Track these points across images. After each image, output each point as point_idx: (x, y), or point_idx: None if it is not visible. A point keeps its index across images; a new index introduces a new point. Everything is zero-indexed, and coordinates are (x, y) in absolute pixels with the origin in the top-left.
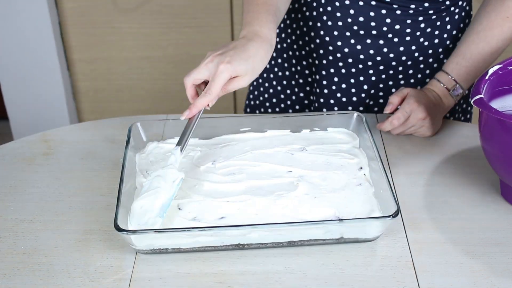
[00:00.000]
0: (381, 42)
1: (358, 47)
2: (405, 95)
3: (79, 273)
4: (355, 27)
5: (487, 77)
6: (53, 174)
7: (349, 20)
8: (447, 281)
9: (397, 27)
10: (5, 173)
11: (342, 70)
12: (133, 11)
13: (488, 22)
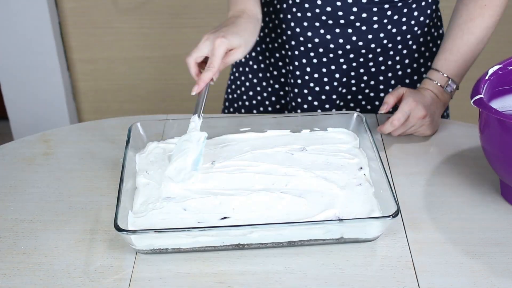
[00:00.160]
0: (349, 30)
1: (328, 36)
2: (401, 95)
3: (79, 273)
4: (323, 17)
5: (487, 77)
6: (53, 174)
7: (317, 11)
8: (447, 281)
9: (364, 15)
10: (5, 173)
11: (314, 60)
12: (133, 11)
13: (468, 14)
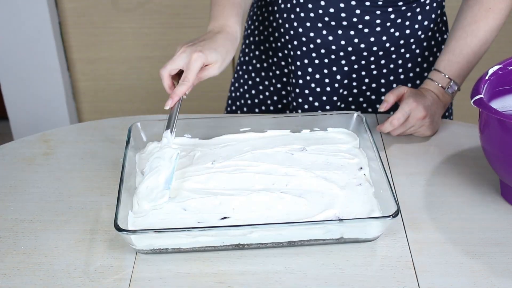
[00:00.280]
0: (352, 32)
1: (330, 38)
2: (401, 94)
3: (79, 273)
4: (326, 18)
5: (487, 77)
6: (53, 174)
7: (320, 11)
8: (447, 281)
9: (366, 18)
10: (5, 173)
11: (316, 61)
12: (133, 11)
13: (472, 16)
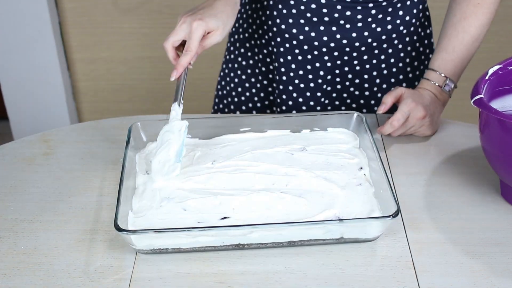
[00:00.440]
0: (333, 28)
1: (312, 34)
2: (399, 95)
3: (79, 273)
4: (308, 14)
5: (487, 77)
6: (53, 174)
7: (302, 8)
8: (447, 281)
9: (348, 13)
10: (5, 173)
11: (299, 57)
12: (133, 11)
13: (461, 13)
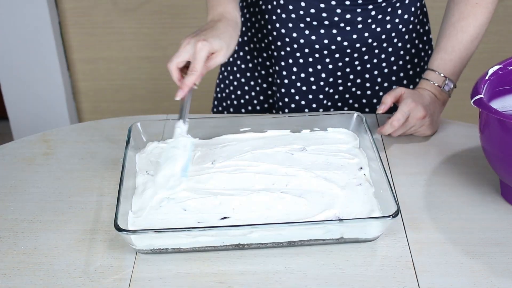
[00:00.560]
0: (334, 31)
1: (313, 37)
2: (399, 95)
3: (79, 273)
4: (307, 19)
5: (487, 77)
6: (53, 174)
7: (301, 12)
8: (447, 281)
9: (348, 16)
10: (5, 173)
11: (300, 60)
12: (133, 11)
13: (459, 13)
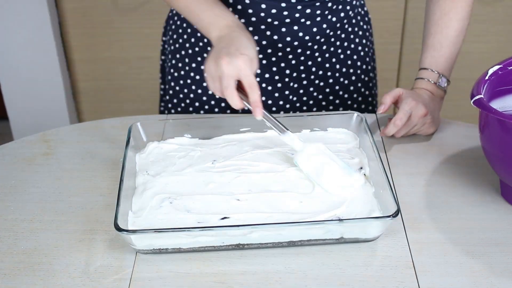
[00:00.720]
0: (295, 28)
1: (275, 37)
2: (398, 95)
3: (79, 273)
4: (269, 19)
5: (487, 77)
6: (53, 174)
7: (262, 15)
8: (447, 281)
9: (308, 11)
10: (5, 173)
11: (263, 61)
12: (133, 11)
13: (440, 10)
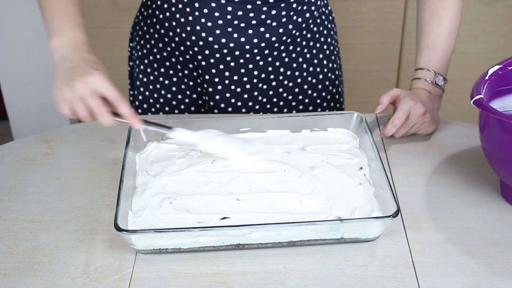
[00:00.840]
0: (262, 29)
1: (242, 39)
2: (395, 95)
3: (79, 273)
4: (235, 22)
5: (487, 77)
6: (53, 174)
7: (228, 17)
8: (447, 281)
9: (273, 12)
10: (5, 173)
11: (231, 64)
12: (133, 11)
13: (430, 9)
